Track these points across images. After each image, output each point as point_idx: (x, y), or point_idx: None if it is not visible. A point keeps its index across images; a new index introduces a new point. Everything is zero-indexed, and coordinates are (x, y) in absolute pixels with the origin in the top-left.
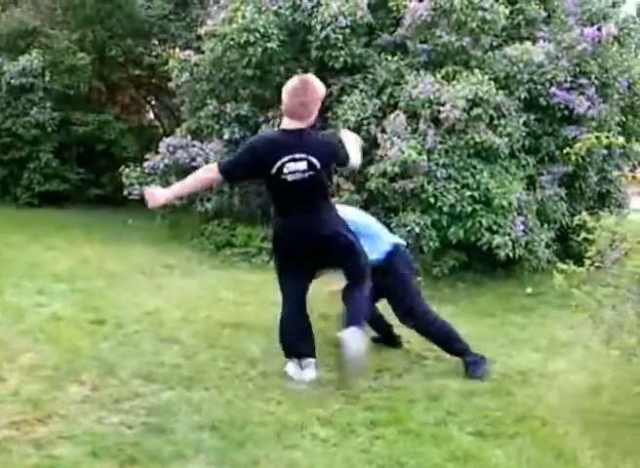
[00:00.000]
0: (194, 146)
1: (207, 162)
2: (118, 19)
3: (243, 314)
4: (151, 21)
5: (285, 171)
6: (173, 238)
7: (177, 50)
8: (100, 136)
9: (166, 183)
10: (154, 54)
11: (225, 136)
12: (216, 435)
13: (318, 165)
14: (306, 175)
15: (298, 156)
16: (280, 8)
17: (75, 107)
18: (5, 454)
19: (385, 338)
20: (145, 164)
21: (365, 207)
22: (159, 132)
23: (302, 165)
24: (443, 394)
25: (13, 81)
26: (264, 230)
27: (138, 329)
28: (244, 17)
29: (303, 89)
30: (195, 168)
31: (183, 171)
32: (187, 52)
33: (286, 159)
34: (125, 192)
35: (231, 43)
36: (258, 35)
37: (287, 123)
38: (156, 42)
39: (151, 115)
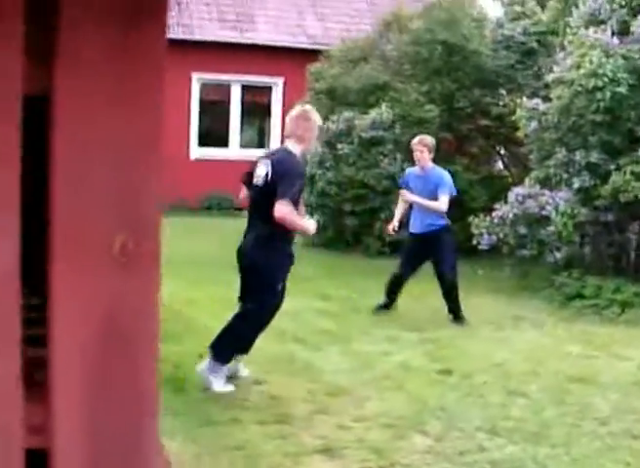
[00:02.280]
0: (543, 195)
1: (557, 210)
2: (465, 70)
3: (592, 369)
4: (498, 71)
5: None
6: (522, 289)
7: (524, 99)
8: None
9: (515, 233)
10: (502, 103)
11: (575, 185)
12: None
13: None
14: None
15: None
16: (628, 51)
17: None
18: None
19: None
20: (494, 214)
21: None
22: (508, 181)
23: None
24: None
25: (364, 134)
26: (616, 281)
27: (485, 380)
28: (591, 62)
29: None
30: (545, 217)
31: (535, 220)
32: (535, 100)
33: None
34: (474, 241)
35: (579, 89)
36: (606, 80)
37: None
38: (503, 92)
39: (500, 165)
